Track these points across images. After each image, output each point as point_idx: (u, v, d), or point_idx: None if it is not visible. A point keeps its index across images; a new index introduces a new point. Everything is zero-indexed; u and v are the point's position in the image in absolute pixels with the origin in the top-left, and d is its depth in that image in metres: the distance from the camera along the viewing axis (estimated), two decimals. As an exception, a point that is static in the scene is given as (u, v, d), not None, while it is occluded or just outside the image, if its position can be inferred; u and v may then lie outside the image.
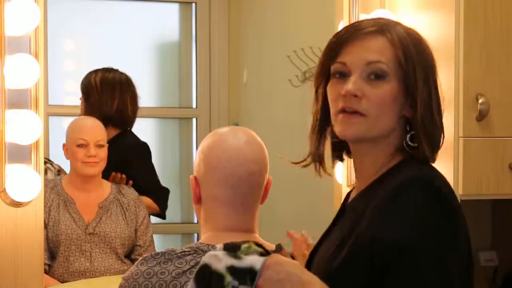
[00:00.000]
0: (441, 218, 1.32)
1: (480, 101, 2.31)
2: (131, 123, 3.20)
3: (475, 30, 2.32)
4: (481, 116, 2.31)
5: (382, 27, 1.44)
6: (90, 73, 3.15)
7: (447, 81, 2.36)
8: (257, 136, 1.73)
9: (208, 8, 4.01)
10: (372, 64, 1.41)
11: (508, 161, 2.34)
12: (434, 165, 1.47)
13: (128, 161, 3.04)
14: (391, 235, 1.30)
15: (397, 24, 1.48)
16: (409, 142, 1.44)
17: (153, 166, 3.22)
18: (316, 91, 1.51)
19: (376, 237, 1.31)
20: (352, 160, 1.53)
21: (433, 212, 1.32)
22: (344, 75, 1.43)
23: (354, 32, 1.43)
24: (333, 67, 1.45)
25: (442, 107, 1.46)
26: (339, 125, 1.43)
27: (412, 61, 1.43)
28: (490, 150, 2.33)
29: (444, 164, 2.33)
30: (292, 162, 1.55)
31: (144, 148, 3.19)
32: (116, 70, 3.18)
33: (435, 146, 1.45)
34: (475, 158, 2.32)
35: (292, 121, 3.18)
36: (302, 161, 1.54)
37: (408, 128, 1.45)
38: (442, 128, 1.46)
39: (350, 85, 1.41)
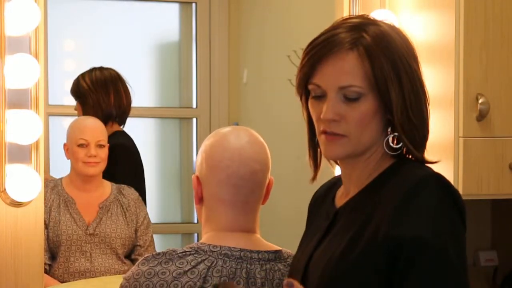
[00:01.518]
0: (455, 215, 1.38)
1: (480, 101, 2.31)
2: (125, 119, 3.14)
3: (475, 30, 2.32)
4: (481, 116, 2.31)
5: (353, 42, 1.44)
6: (77, 78, 3.13)
7: (447, 81, 2.36)
8: (259, 136, 1.74)
9: (208, 8, 4.01)
10: (345, 88, 1.43)
11: (508, 161, 2.34)
12: (434, 164, 1.49)
13: (111, 164, 2.96)
14: (414, 232, 1.33)
15: (371, 24, 1.47)
16: (391, 144, 1.46)
17: (128, 171, 3.08)
18: (301, 99, 1.54)
19: (398, 235, 1.34)
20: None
21: (449, 210, 1.37)
22: (320, 96, 1.46)
23: (326, 52, 1.44)
24: (310, 87, 1.48)
25: (428, 98, 1.48)
26: (323, 146, 1.47)
27: (383, 71, 1.43)
28: (490, 150, 2.33)
29: (444, 164, 2.33)
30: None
31: (119, 151, 3.01)
32: (101, 68, 3.16)
33: (419, 146, 1.47)
34: (475, 158, 2.32)
35: (292, 121, 3.18)
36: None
37: (390, 129, 1.47)
38: (425, 125, 1.48)
39: (328, 111, 1.43)
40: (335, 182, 1.60)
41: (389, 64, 1.44)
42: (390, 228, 1.35)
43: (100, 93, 3.08)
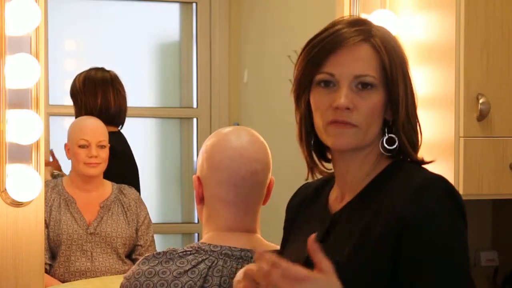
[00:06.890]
0: (459, 216, 1.39)
1: (480, 101, 2.30)
2: (118, 121, 3.12)
3: (476, 29, 2.32)
4: (482, 116, 2.31)
5: (366, 34, 1.45)
6: (76, 77, 3.13)
7: (447, 81, 2.36)
8: (260, 136, 1.74)
9: (209, 8, 4.01)
10: (360, 77, 1.43)
11: (508, 161, 2.33)
12: (434, 164, 1.49)
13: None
14: (420, 233, 1.35)
15: (372, 23, 1.48)
16: (385, 145, 1.46)
17: (114, 172, 2.96)
18: (298, 98, 1.52)
19: (404, 236, 1.35)
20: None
21: (453, 211, 1.38)
22: (329, 84, 1.44)
23: (339, 42, 1.44)
24: (319, 77, 1.45)
25: (416, 103, 1.49)
26: (331, 137, 1.45)
27: (395, 65, 1.45)
28: (490, 150, 2.33)
29: (445, 164, 2.33)
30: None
31: (111, 154, 2.89)
32: (100, 68, 3.13)
33: (415, 148, 1.48)
34: (476, 158, 2.32)
35: (292, 121, 3.18)
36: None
37: (386, 130, 1.47)
38: (419, 129, 1.49)
39: (342, 99, 1.42)
40: (325, 183, 1.59)
41: (398, 58, 1.46)
42: (397, 229, 1.35)
43: (88, 94, 3.07)
